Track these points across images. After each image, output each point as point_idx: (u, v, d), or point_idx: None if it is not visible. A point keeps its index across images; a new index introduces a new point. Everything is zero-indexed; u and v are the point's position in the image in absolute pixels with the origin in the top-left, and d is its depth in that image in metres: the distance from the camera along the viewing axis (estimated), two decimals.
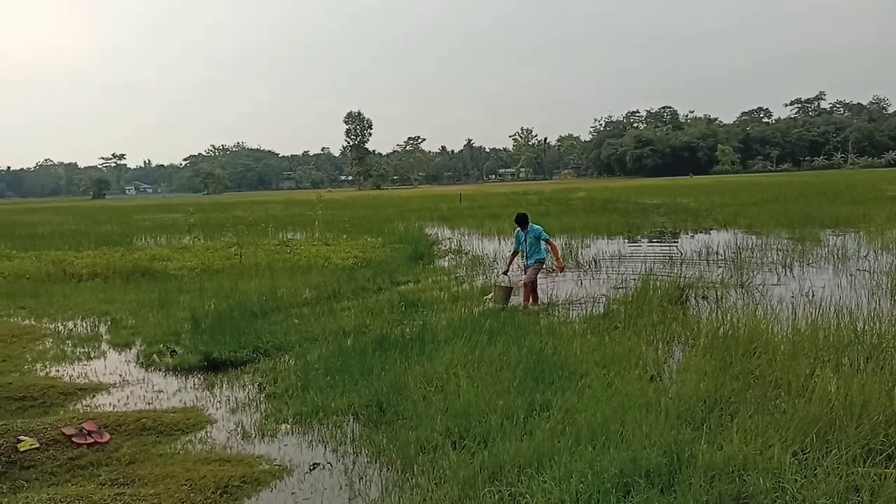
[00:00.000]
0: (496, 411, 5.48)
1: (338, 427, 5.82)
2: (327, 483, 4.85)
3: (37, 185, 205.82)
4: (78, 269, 16.51)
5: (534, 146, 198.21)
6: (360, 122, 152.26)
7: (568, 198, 48.53)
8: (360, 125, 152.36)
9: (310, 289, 12.70)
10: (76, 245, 22.99)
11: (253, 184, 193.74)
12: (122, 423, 5.91)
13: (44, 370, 8.19)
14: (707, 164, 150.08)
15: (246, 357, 8.24)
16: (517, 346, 7.35)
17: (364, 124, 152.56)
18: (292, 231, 27.38)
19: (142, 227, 31.90)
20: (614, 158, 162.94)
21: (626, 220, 26.31)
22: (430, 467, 4.78)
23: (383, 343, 8.00)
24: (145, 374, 8.01)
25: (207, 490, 4.57)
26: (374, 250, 19.55)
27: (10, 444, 5.30)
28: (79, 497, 4.23)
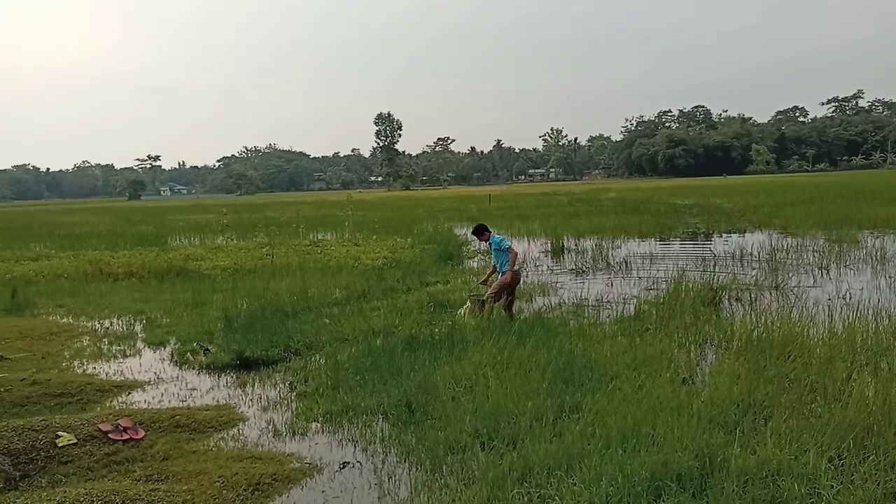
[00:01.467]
0: (525, 413, 5.46)
1: (367, 426, 5.85)
2: (357, 482, 4.89)
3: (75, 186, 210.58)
4: (114, 269, 16.87)
5: (564, 146, 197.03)
6: (390, 123, 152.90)
7: (598, 198, 48.16)
8: (390, 126, 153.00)
9: (340, 289, 12.80)
10: (112, 245, 23.47)
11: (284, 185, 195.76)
12: (157, 420, 6.02)
13: (81, 367, 8.38)
14: (741, 165, 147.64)
15: (277, 356, 8.33)
16: (546, 347, 7.32)
17: (394, 125, 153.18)
18: (323, 232, 27.61)
19: (176, 228, 32.45)
20: (646, 158, 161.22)
21: (658, 221, 26.02)
22: (459, 468, 4.78)
23: (412, 343, 8.03)
24: (179, 372, 8.15)
25: (239, 487, 4.63)
26: (403, 251, 19.62)
27: (49, 440, 5.44)
28: (115, 492, 4.31)
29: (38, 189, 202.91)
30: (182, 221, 38.03)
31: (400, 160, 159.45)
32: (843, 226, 20.56)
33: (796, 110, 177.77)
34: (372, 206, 46.94)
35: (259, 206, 59.45)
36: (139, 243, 23.82)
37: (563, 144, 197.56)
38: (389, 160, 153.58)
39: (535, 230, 25.08)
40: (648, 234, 22.40)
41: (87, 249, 22.25)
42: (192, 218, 40.84)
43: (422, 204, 52.35)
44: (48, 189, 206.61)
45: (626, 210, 33.16)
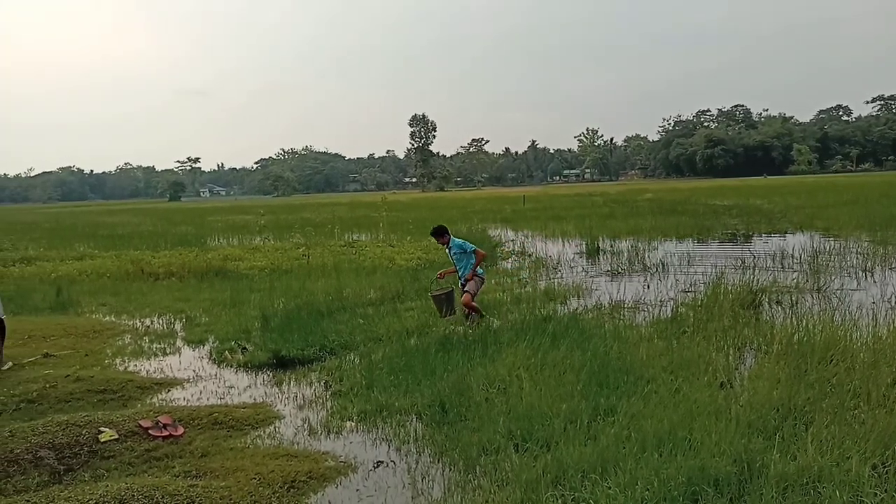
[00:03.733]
0: (559, 415, 5.43)
1: (401, 426, 5.88)
2: (391, 481, 4.91)
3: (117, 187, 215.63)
4: (155, 269, 17.25)
5: (599, 147, 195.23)
6: (425, 124, 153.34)
7: (635, 199, 47.61)
8: (425, 127, 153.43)
9: (374, 289, 12.89)
10: (153, 245, 23.99)
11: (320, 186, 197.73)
12: (196, 417, 6.14)
13: (123, 365, 8.59)
14: (782, 165, 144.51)
15: (313, 355, 8.42)
16: (581, 349, 7.27)
17: (428, 126, 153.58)
18: (357, 232, 27.82)
19: (215, 229, 33.02)
20: (683, 159, 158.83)
21: (696, 222, 25.63)
22: (493, 469, 4.77)
23: (446, 344, 8.05)
24: (217, 370, 8.29)
25: (275, 484, 4.69)
26: (437, 251, 19.62)
27: (92, 435, 5.58)
28: (154, 487, 4.41)
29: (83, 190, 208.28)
30: (221, 222, 38.68)
31: (434, 161, 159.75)
32: (888, 227, 19.96)
33: (839, 109, 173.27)
34: (406, 206, 47.13)
35: (295, 207, 60.17)
36: (179, 244, 24.30)
37: (598, 145, 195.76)
38: (423, 161, 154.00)
39: (570, 231, 24.89)
40: (686, 236, 22.08)
41: (129, 249, 22.78)
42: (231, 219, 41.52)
43: (455, 205, 52.39)
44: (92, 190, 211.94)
45: (663, 211, 32.72)
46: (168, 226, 36.47)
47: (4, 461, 5.17)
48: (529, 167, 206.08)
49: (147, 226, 37.35)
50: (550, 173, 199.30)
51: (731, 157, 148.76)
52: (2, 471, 5.06)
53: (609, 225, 25.80)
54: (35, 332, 10.16)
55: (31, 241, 28.21)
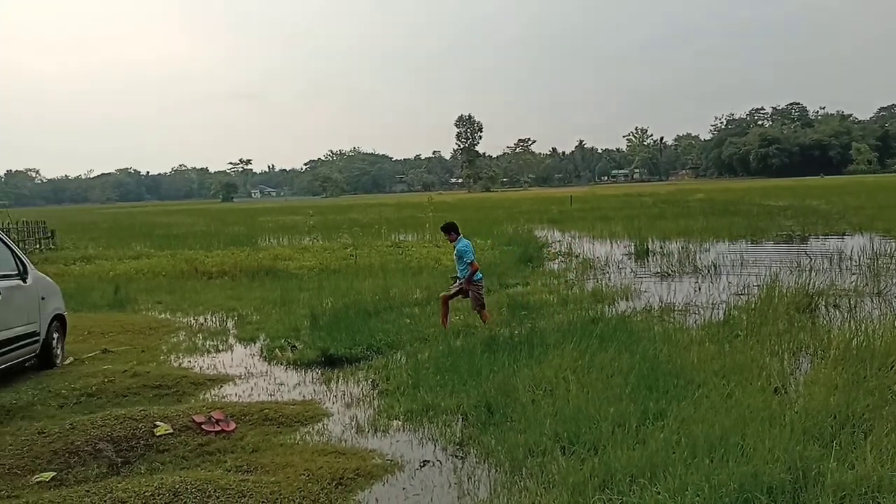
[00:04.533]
0: (607, 418, 5.36)
1: (447, 426, 5.89)
2: (437, 480, 4.93)
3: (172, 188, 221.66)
4: (208, 268, 17.69)
5: (649, 146, 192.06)
6: (471, 125, 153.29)
7: (685, 199, 46.71)
8: (471, 128, 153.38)
9: (420, 289, 12.96)
10: (207, 245, 24.58)
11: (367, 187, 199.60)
12: (247, 413, 6.27)
13: (177, 361, 8.83)
14: (840, 164, 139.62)
15: (360, 354, 8.51)
16: (629, 352, 7.17)
17: (475, 127, 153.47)
18: (404, 233, 28.01)
19: (266, 229, 33.66)
20: (736, 158, 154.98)
21: (749, 223, 25.01)
22: (539, 471, 4.75)
23: (492, 345, 8.04)
24: (268, 368, 8.46)
25: (324, 481, 4.76)
26: (483, 252, 19.62)
27: (148, 429, 5.76)
28: (207, 481, 4.52)
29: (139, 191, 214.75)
30: (271, 223, 39.40)
31: (480, 162, 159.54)
32: None
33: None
34: (452, 207, 47.21)
35: (343, 207, 60.92)
36: (231, 243, 24.85)
37: (648, 144, 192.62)
38: (470, 162, 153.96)
39: (619, 232, 24.57)
40: (739, 237, 21.57)
41: (183, 249, 23.40)
42: (281, 219, 42.26)
43: (502, 205, 52.26)
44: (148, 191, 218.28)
45: (715, 212, 32.03)
46: (221, 226, 37.33)
47: (66, 452, 5.38)
48: (577, 167, 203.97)
49: (201, 226, 38.30)
50: (598, 173, 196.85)
51: (787, 157, 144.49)
52: (64, 462, 5.26)
53: (659, 226, 25.38)
54: (94, 329, 10.53)
55: (91, 240, 29.23)
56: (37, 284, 8.14)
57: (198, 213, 63.06)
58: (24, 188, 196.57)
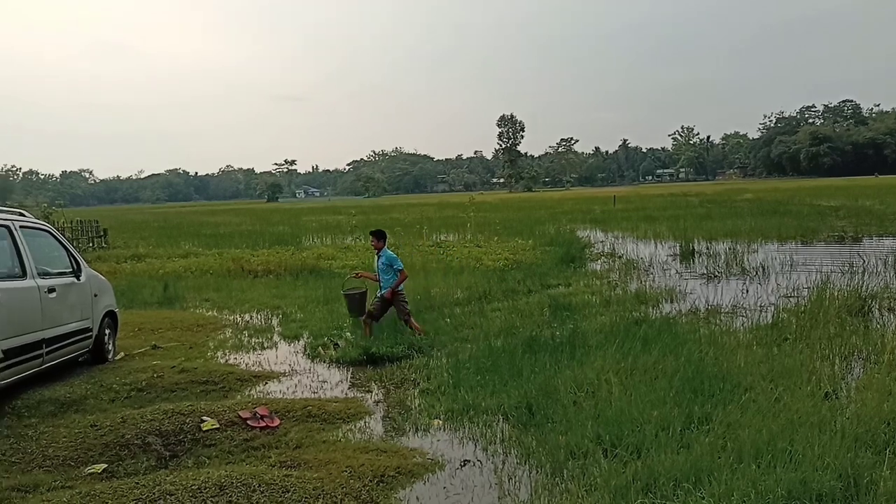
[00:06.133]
0: (650, 421, 5.29)
1: (488, 426, 5.89)
2: (477, 480, 4.93)
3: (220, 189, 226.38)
4: (254, 266, 18.02)
5: (695, 145, 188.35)
6: (513, 124, 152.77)
7: (733, 199, 45.72)
8: (513, 128, 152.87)
9: (461, 289, 12.97)
10: (252, 244, 25.02)
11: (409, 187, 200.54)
12: (291, 410, 6.37)
13: (224, 357, 9.02)
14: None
15: (401, 353, 8.56)
16: (674, 354, 7.05)
17: (516, 127, 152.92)
18: (445, 233, 28.05)
19: (309, 228, 34.10)
20: (786, 157, 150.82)
21: (800, 224, 24.34)
22: (581, 473, 4.71)
23: (533, 345, 8.00)
24: (311, 365, 8.58)
25: (365, 478, 4.81)
26: (524, 252, 19.56)
27: (195, 424, 5.90)
28: (252, 476, 4.60)
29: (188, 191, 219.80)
30: (315, 222, 39.89)
31: (522, 162, 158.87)
32: None
33: None
34: (493, 207, 47.11)
35: (385, 207, 61.32)
36: (276, 243, 25.25)
37: (694, 143, 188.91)
38: (511, 162, 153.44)
39: (663, 233, 24.19)
40: (788, 238, 21.03)
41: (230, 248, 23.86)
42: (324, 219, 42.76)
43: (544, 205, 51.93)
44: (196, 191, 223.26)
45: (763, 212, 31.26)
46: (266, 226, 37.95)
47: (117, 445, 5.55)
48: (620, 167, 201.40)
49: (247, 225, 38.99)
50: (643, 173, 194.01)
51: (839, 156, 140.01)
52: (114, 454, 5.43)
53: (705, 226, 24.90)
54: (144, 325, 10.83)
55: (142, 239, 30.02)
56: (90, 282, 8.41)
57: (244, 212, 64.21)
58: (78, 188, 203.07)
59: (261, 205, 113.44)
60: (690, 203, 43.96)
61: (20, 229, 7.24)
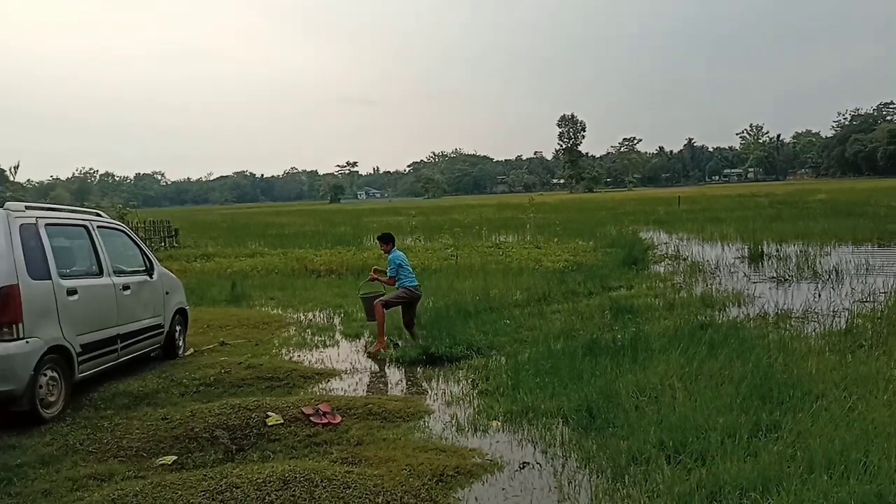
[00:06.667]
0: (716, 428, 5.15)
1: (547, 429, 5.85)
2: (536, 483, 4.90)
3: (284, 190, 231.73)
4: (317, 266, 18.40)
5: (764, 144, 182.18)
6: (574, 124, 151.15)
7: (805, 200, 44.03)
8: (574, 128, 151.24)
9: (520, 290, 12.91)
10: (316, 244, 25.52)
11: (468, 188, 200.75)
12: (352, 407, 6.47)
13: (288, 354, 9.24)
14: None
15: (460, 353, 8.59)
16: (741, 360, 6.84)
17: (577, 127, 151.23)
18: (504, 234, 27.97)
19: (370, 229, 34.52)
20: (862, 156, 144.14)
21: (876, 226, 23.22)
22: (643, 479, 4.62)
23: (593, 348, 7.89)
24: (371, 364, 8.70)
25: (425, 476, 4.84)
26: (585, 254, 19.33)
27: (261, 419, 6.06)
28: (314, 471, 4.70)
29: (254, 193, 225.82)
30: (375, 223, 40.38)
31: (583, 162, 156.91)
32: None
33: None
34: (553, 208, 46.70)
35: (444, 208, 61.56)
36: (338, 243, 25.68)
37: (763, 142, 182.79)
38: (572, 162, 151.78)
39: (730, 234, 23.51)
40: (864, 241, 20.10)
41: (294, 248, 24.39)
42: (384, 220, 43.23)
43: (605, 206, 51.19)
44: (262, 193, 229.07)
45: (837, 213, 30.00)
46: (328, 226, 38.63)
47: (186, 438, 5.75)
48: (685, 166, 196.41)
49: (310, 226, 39.77)
50: (709, 173, 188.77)
51: None
52: (184, 447, 5.63)
53: (775, 228, 24.07)
54: (213, 322, 11.20)
55: (211, 239, 31.01)
56: (162, 280, 8.75)
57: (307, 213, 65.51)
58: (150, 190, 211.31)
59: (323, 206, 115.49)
60: (759, 204, 42.57)
61: (97, 229, 7.60)
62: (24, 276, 6.07)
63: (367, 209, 74.37)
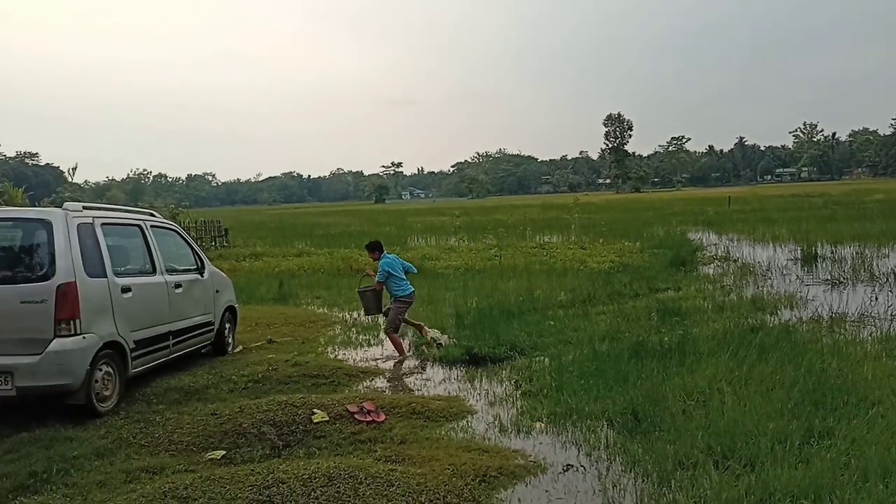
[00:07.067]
0: (766, 434, 5.03)
1: (591, 431, 5.79)
2: (580, 486, 4.86)
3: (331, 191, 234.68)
4: (362, 266, 18.49)
5: (819, 143, 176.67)
6: (620, 123, 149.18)
7: (861, 200, 42.58)
8: (620, 127, 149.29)
9: (565, 291, 12.81)
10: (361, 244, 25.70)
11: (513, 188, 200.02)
12: (396, 406, 6.52)
13: (333, 353, 9.36)
14: None
15: (503, 354, 8.57)
16: (793, 364, 6.66)
17: (624, 126, 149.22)
18: (549, 234, 27.80)
19: (414, 229, 34.73)
20: None
21: None
22: (689, 484, 4.54)
23: (639, 351, 7.78)
24: (415, 363, 8.75)
25: (467, 476, 4.85)
26: (631, 255, 19.08)
27: (307, 416, 6.15)
28: (359, 468, 4.76)
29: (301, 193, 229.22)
30: (419, 223, 40.57)
31: (629, 161, 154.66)
32: None
33: None
34: (599, 208, 46.16)
35: (488, 208, 61.47)
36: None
37: (817, 140, 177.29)
38: (618, 162, 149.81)
39: (783, 235, 22.89)
40: None
41: (339, 247, 24.67)
42: (428, 220, 43.39)
43: (652, 206, 50.40)
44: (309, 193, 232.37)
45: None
46: (373, 226, 38.96)
47: (234, 433, 5.88)
48: (736, 166, 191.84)
49: (355, 226, 40.19)
50: (760, 172, 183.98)
51: None
52: (232, 442, 5.75)
53: (830, 229, 23.34)
54: (261, 320, 11.42)
55: (259, 238, 31.59)
56: (212, 278, 8.96)
57: (353, 213, 66.19)
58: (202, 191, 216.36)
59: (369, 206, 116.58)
60: (813, 204, 41.37)
61: (151, 229, 7.83)
62: (82, 273, 6.29)
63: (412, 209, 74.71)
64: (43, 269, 6.22)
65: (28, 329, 6.07)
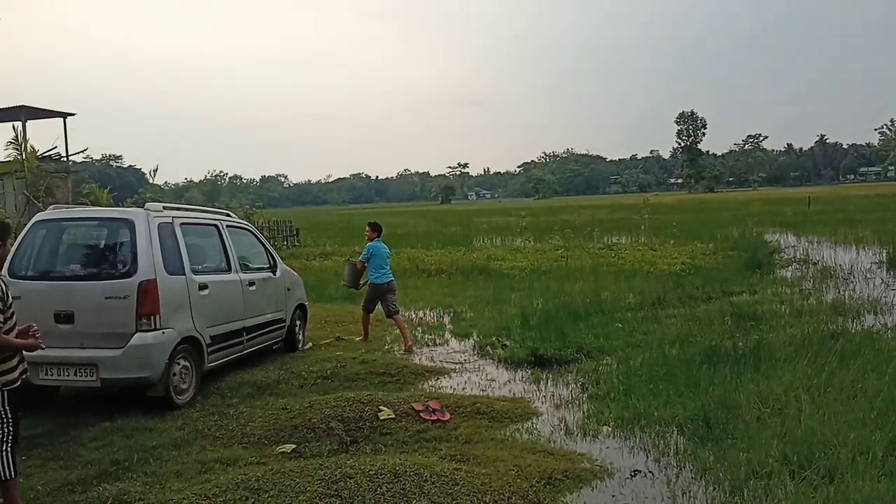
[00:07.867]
0: (847, 444, 4.80)
1: (660, 437, 5.66)
2: (648, 492, 4.76)
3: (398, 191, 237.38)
4: (427, 266, 18.72)
5: None
6: (693, 121, 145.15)
7: None
8: (693, 125, 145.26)
9: (633, 293, 12.56)
10: (426, 244, 25.95)
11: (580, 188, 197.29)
12: (460, 406, 6.55)
13: (399, 351, 9.47)
14: None
15: (569, 356, 8.48)
16: (877, 372, 6.34)
17: (697, 124, 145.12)
18: (617, 235, 27.31)
19: (480, 230, 34.72)
20: None
21: None
22: (763, 494, 4.39)
23: (712, 356, 7.55)
24: (480, 363, 8.76)
25: (532, 478, 4.82)
26: (704, 257, 18.56)
27: (373, 413, 6.25)
28: (424, 466, 4.80)
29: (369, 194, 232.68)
30: (485, 224, 40.54)
31: (703, 160, 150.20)
32: None
33: None
34: (670, 209, 45.02)
35: (555, 209, 60.87)
36: (448, 243, 25.99)
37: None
38: (691, 161, 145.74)
39: (867, 237, 21.80)
40: None
41: (405, 247, 24.89)
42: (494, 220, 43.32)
43: (726, 207, 48.85)
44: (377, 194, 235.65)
45: None
46: (439, 227, 39.19)
47: (304, 428, 6.03)
48: (816, 165, 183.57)
49: (421, 226, 40.53)
50: (843, 171, 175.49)
51: None
52: (301, 436, 5.90)
53: None
54: (330, 318, 11.67)
55: (328, 238, 32.24)
56: (284, 277, 9.21)
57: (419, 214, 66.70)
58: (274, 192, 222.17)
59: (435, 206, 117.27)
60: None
61: (226, 228, 8.12)
62: (162, 271, 6.58)
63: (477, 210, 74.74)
64: (126, 266, 6.54)
65: (111, 324, 6.39)
